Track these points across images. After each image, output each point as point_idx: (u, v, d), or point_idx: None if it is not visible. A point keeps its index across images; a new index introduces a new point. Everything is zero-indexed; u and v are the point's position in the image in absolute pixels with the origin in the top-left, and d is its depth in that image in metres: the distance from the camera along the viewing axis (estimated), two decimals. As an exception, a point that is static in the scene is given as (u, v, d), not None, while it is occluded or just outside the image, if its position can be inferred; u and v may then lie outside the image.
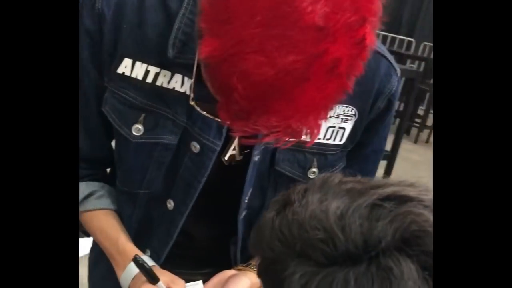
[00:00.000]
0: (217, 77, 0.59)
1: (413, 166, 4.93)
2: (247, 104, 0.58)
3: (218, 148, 0.83)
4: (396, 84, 0.88)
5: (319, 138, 0.86)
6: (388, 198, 0.47)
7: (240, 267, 0.91)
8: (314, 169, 0.89)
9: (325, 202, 0.48)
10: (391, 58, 0.88)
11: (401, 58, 6.09)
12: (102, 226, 0.93)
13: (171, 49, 0.77)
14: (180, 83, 0.81)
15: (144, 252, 0.92)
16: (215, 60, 0.57)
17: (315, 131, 0.61)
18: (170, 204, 0.89)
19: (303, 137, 0.63)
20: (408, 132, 6.04)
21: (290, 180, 0.88)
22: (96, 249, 1.01)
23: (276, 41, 0.54)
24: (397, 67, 0.88)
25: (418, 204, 0.46)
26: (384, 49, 0.87)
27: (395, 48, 7.13)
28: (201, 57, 0.58)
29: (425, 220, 0.45)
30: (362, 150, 0.93)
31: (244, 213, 0.90)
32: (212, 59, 0.57)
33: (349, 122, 0.86)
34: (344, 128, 0.87)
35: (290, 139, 0.63)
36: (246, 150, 0.85)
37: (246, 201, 0.88)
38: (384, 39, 7.36)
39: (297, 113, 0.58)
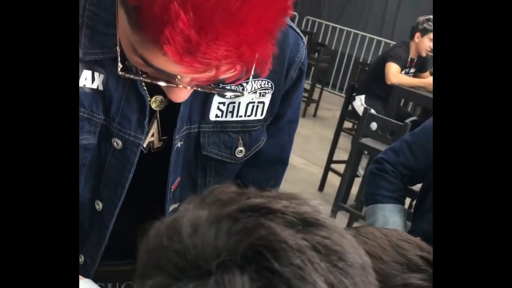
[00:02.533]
0: (155, 11, 0.56)
1: (303, 140, 5.00)
2: (194, 31, 0.55)
3: (141, 142, 0.82)
4: (304, 52, 0.89)
5: (241, 116, 0.86)
6: (249, 209, 0.45)
7: None
8: (241, 148, 0.89)
9: (189, 212, 0.46)
10: (296, 27, 0.88)
11: (286, 32, 6.11)
12: None
13: (80, 48, 0.74)
14: (90, 80, 0.78)
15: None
16: None
17: (266, 59, 0.62)
18: (99, 206, 0.87)
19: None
20: (296, 107, 6.11)
21: (218, 163, 0.88)
22: None
23: None
24: (303, 36, 0.89)
25: (277, 218, 0.44)
26: (288, 20, 0.87)
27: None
28: (130, 3, 0.57)
29: (272, 234, 0.42)
30: (278, 122, 0.93)
31: (174, 206, 0.89)
32: None
33: (267, 95, 0.87)
34: (263, 102, 0.87)
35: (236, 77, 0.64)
36: (165, 136, 0.84)
37: (171, 190, 0.87)
38: (268, 14, 7.36)
39: (247, 38, 0.57)
